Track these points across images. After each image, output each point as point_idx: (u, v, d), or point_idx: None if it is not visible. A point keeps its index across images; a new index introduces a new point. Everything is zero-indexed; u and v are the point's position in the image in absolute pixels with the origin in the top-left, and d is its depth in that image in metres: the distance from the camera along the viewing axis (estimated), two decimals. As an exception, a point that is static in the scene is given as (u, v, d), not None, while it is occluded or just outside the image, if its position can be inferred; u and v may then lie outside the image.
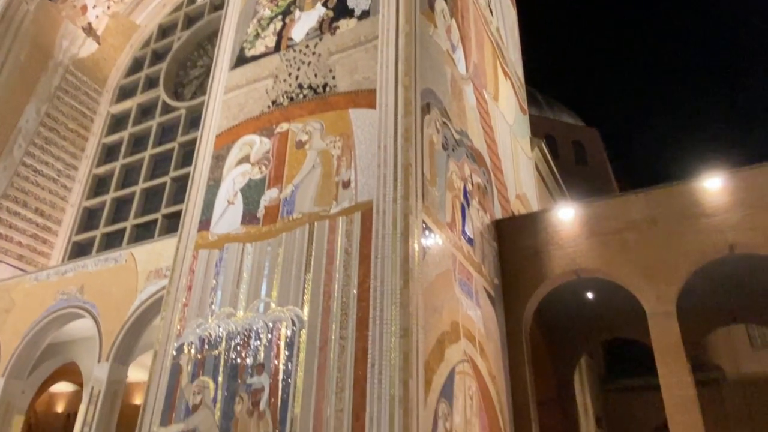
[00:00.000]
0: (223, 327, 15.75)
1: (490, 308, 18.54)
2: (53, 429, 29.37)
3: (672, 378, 15.90)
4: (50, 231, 29.33)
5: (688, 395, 15.76)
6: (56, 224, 29.69)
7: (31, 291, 23.23)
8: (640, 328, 18.36)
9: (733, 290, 19.54)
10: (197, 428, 14.54)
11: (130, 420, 23.11)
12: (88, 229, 29.91)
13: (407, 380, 12.79)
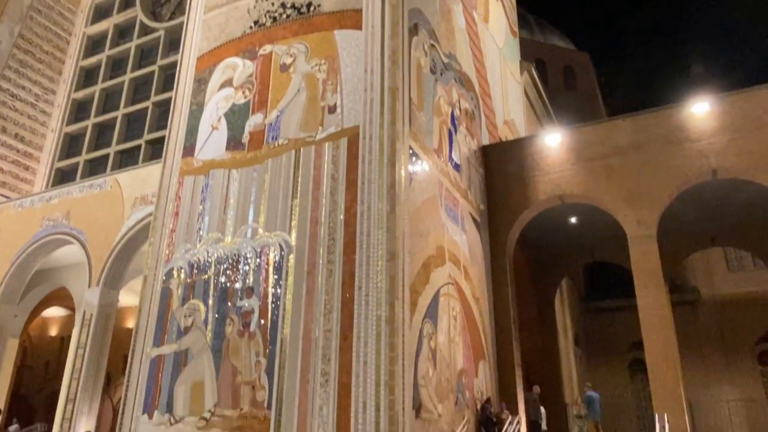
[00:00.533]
0: (211, 252, 15.88)
1: (475, 233, 18.80)
2: (48, 352, 30.06)
3: (649, 298, 16.46)
4: (32, 157, 28.83)
5: (664, 314, 16.38)
6: (37, 150, 29.16)
7: (17, 217, 23.10)
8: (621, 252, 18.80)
9: (713, 215, 19.92)
10: (190, 349, 14.95)
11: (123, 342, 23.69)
12: (71, 155, 29.43)
13: (393, 302, 13.13)
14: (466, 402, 15.88)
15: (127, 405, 15.17)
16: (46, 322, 30.87)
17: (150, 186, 20.54)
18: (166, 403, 14.63)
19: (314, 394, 13.12)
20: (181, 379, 14.68)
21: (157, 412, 14.64)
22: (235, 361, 14.28)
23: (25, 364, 30.01)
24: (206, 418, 13.98)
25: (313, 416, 12.96)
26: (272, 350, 13.99)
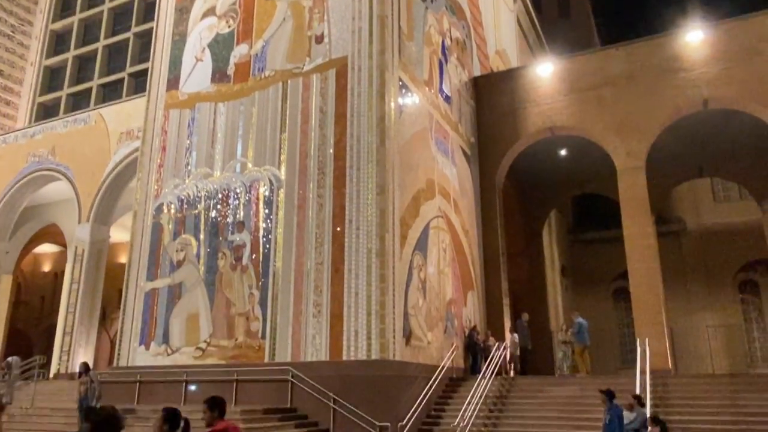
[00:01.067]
0: (200, 187, 15.82)
1: (465, 166, 18.80)
2: (42, 287, 30.36)
3: (635, 229, 16.72)
4: (12, 92, 28.08)
5: (649, 244, 16.70)
6: (17, 84, 28.36)
7: (2, 154, 22.76)
8: (609, 184, 18.94)
9: (701, 146, 19.96)
10: (183, 282, 15.16)
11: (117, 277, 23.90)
12: (52, 89, 28.69)
13: (383, 235, 13.26)
14: (455, 330, 16.35)
15: (124, 337, 15.51)
16: (38, 259, 31.00)
17: (135, 120, 20.18)
18: (162, 335, 14.97)
19: (307, 324, 13.45)
20: (176, 312, 14.96)
21: (154, 343, 14.99)
22: (229, 293, 14.52)
23: (20, 299, 30.34)
24: (202, 348, 14.35)
25: (307, 345, 13.34)
26: (265, 283, 14.22)
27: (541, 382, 14.71)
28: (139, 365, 14.91)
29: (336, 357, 12.97)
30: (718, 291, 26.02)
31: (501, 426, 12.72)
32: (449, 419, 12.89)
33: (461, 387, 14.55)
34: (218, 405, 4.84)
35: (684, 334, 23.90)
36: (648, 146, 17.22)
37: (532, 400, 13.30)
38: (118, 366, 15.34)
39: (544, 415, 12.45)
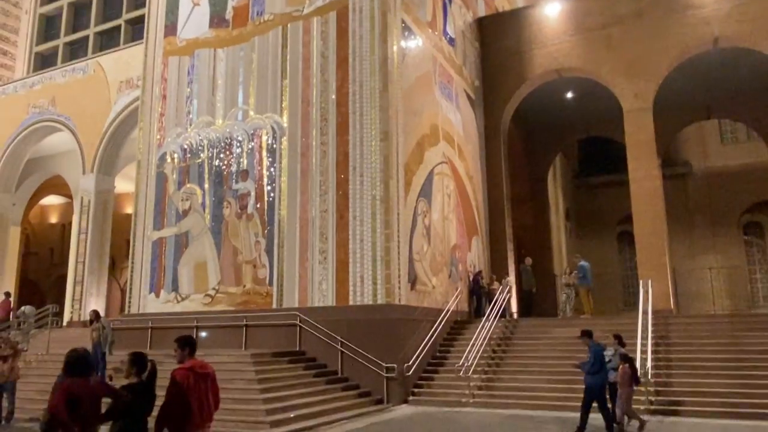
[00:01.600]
0: (203, 136, 15.74)
1: (469, 111, 18.58)
2: (50, 239, 30.71)
3: (641, 171, 16.64)
4: (8, 41, 27.56)
5: (655, 187, 16.65)
6: (13, 33, 27.81)
7: (2, 105, 22.57)
8: (616, 126, 18.72)
9: (710, 86, 19.59)
10: (189, 231, 15.30)
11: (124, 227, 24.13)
12: (49, 38, 28.13)
13: (388, 181, 13.26)
14: (460, 275, 16.56)
15: (134, 285, 15.79)
16: (45, 210, 31.24)
17: (134, 69, 19.88)
18: (171, 283, 15.22)
19: (313, 270, 13.63)
20: (184, 260, 15.17)
21: (164, 290, 15.27)
22: (235, 241, 14.67)
23: (29, 251, 30.78)
24: (211, 295, 14.62)
25: (313, 290, 13.56)
26: (270, 231, 14.34)
27: (545, 323, 15.00)
28: (150, 312, 15.23)
29: (342, 302, 13.21)
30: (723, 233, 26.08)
31: (504, 366, 13.06)
32: (454, 360, 13.22)
33: (466, 330, 14.85)
34: (189, 343, 4.98)
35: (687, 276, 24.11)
36: (656, 87, 16.93)
37: (536, 342, 13.59)
38: (129, 313, 15.69)
39: (547, 355, 12.75)
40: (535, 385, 11.82)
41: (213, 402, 4.86)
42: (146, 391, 4.54)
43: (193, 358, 4.92)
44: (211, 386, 4.86)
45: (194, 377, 4.72)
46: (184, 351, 4.89)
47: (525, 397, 11.50)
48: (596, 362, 8.91)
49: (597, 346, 9.12)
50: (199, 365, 4.86)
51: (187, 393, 4.64)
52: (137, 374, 4.57)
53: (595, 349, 9.03)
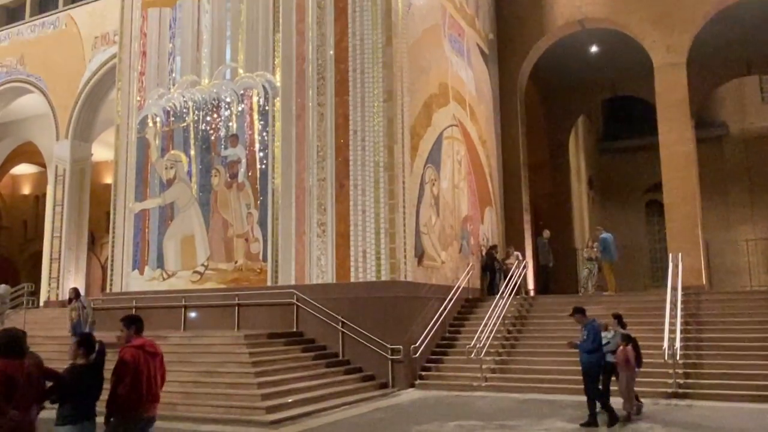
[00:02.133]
0: (187, 97, 15.69)
1: (482, 67, 18.42)
2: (23, 211, 30.88)
3: (672, 134, 16.55)
4: (-31, -8, 27.26)
5: (687, 151, 16.58)
6: (-27, -16, 27.49)
7: (-36, 64, 22.49)
8: (645, 84, 18.58)
9: (750, 39, 19.31)
10: (175, 202, 15.35)
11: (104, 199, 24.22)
12: (14, -11, 27.80)
13: (392, 146, 13.23)
14: (471, 249, 16.64)
15: (115, 262, 15.93)
16: (16, 180, 31.34)
17: (110, 23, 19.67)
18: (156, 259, 15.35)
19: (311, 244, 13.72)
20: (169, 234, 15.26)
21: (148, 267, 15.40)
22: (225, 213, 14.74)
23: (1, 225, 30.98)
24: (200, 272, 14.75)
25: (312, 266, 13.67)
26: (263, 201, 14.38)
27: (564, 301, 15.10)
28: (133, 291, 15.39)
29: (343, 279, 13.32)
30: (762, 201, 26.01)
31: (519, 347, 13.22)
32: (465, 341, 13.37)
33: (478, 308, 14.99)
34: (134, 322, 5.23)
35: (721, 249, 24.17)
36: (690, 39, 16.72)
37: (554, 320, 13.70)
38: (111, 292, 15.85)
39: (567, 335, 12.77)
40: (553, 368, 11.97)
41: (160, 382, 5.14)
42: (93, 373, 4.76)
43: (141, 336, 5.16)
44: (159, 366, 5.13)
45: (144, 356, 4.96)
46: (131, 330, 5.13)
47: (542, 381, 11.67)
48: (595, 339, 8.95)
49: (592, 322, 9.21)
50: (149, 344, 5.11)
51: (137, 372, 4.87)
52: (84, 356, 4.79)
53: (591, 325, 9.10)
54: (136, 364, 4.89)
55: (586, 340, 8.98)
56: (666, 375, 11.03)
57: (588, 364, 8.92)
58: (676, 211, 16.25)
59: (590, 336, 8.96)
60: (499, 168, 19.04)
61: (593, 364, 8.89)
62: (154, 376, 5.02)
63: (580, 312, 9.38)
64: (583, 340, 9.04)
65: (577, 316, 9.39)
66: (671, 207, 16.36)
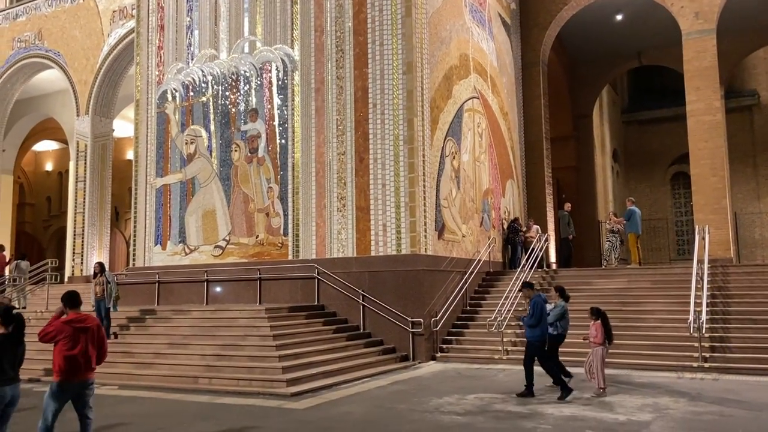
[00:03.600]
0: (206, 71, 15.69)
1: (504, 38, 18.14)
2: (47, 188, 31.34)
3: (700, 104, 16.21)
4: (-13, -32, 27.42)
5: (715, 121, 16.24)
6: (-8, -40, 27.63)
7: (-15, 41, 22.71)
8: (672, 53, 18.17)
9: (785, 3, 18.76)
10: (196, 177, 15.47)
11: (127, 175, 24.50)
12: (31, -37, 27.90)
13: (412, 119, 13.15)
14: (492, 222, 16.57)
15: (138, 237, 16.14)
16: (39, 157, 31.77)
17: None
18: (178, 234, 15.52)
19: (332, 218, 13.76)
20: (191, 209, 15.41)
21: (170, 242, 15.59)
22: (246, 188, 14.82)
23: (25, 201, 31.50)
24: (222, 247, 14.90)
25: (332, 240, 13.73)
26: (284, 176, 14.43)
27: (587, 274, 15.02)
28: (156, 265, 15.61)
29: (364, 253, 13.37)
30: (792, 173, 25.53)
31: (542, 321, 13.16)
32: (486, 314, 13.39)
33: (499, 281, 14.98)
34: (70, 299, 5.76)
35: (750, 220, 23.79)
36: (720, 4, 16.28)
37: (576, 293, 13.56)
38: (134, 267, 16.10)
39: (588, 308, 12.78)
40: (574, 341, 11.91)
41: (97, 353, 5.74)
42: (10, 342, 5.39)
43: (77, 312, 5.73)
44: (94, 338, 5.71)
45: (71, 329, 5.56)
46: (65, 306, 5.74)
47: (562, 354, 11.61)
48: (535, 314, 8.98)
49: (537, 296, 9.21)
50: (78, 319, 5.67)
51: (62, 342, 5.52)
52: (3, 325, 5.40)
53: (535, 299, 9.10)
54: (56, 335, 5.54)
55: (529, 314, 9.06)
56: (691, 348, 10.96)
57: (529, 338, 9.08)
58: (704, 183, 15.99)
59: (533, 310, 9.01)
60: (521, 141, 18.86)
61: (535, 338, 9.01)
62: (85, 346, 5.59)
63: (528, 287, 9.41)
64: (528, 314, 9.10)
65: (524, 290, 9.43)
66: (698, 178, 16.10)
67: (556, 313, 9.63)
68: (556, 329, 9.63)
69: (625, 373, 10.64)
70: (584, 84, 23.31)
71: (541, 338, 9.04)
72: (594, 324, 9.14)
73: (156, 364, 11.04)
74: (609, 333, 9.14)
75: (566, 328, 9.87)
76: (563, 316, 9.79)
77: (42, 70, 21.84)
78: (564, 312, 9.80)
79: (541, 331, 9.03)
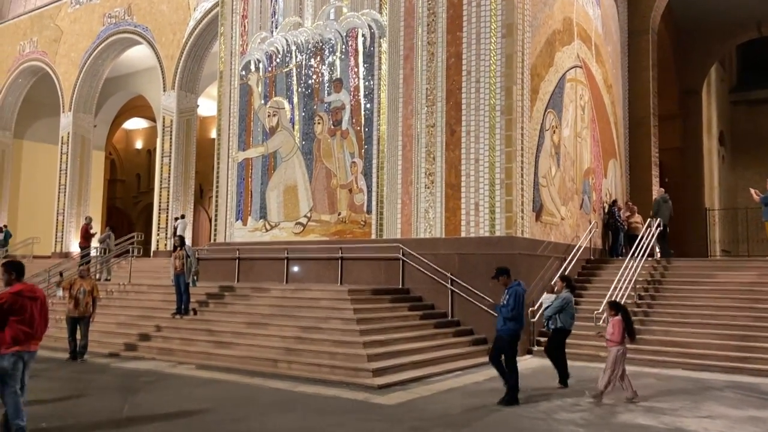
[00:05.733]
0: (290, 40, 14.79)
1: (611, 2, 16.33)
2: (137, 165, 31.78)
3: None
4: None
5: None
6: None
7: (76, 16, 22.77)
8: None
9: None
10: (278, 151, 14.65)
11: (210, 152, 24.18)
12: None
13: (510, 87, 11.75)
14: (593, 205, 14.97)
15: (219, 212, 15.53)
16: (130, 135, 32.24)
17: (214, -32, 19.13)
18: (259, 209, 14.78)
19: (419, 196, 12.61)
20: (272, 184, 14.62)
21: (251, 218, 14.88)
22: (328, 163, 13.87)
23: (116, 178, 32.09)
24: (302, 224, 14.04)
25: (419, 219, 12.59)
26: (368, 150, 13.37)
27: (708, 265, 13.24)
28: (237, 242, 14.96)
29: (453, 233, 12.17)
30: None
31: (654, 316, 11.57)
32: (588, 306, 11.93)
33: (601, 270, 13.42)
34: (15, 268, 5.60)
35: None
36: None
37: (695, 287, 11.93)
38: (215, 242, 15.52)
39: (713, 304, 11.11)
40: (697, 341, 10.31)
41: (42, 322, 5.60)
42: None
43: (21, 282, 5.56)
44: (40, 309, 5.55)
45: (21, 300, 5.39)
46: (11, 276, 5.54)
47: (684, 355, 10.06)
48: (515, 305, 7.49)
49: (517, 285, 7.74)
50: (28, 289, 5.53)
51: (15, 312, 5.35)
52: None
53: (514, 288, 7.64)
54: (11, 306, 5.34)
55: (506, 305, 7.56)
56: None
57: (500, 332, 7.60)
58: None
59: (511, 301, 7.53)
60: (625, 116, 17.04)
61: (507, 334, 7.56)
62: (33, 317, 5.46)
63: (504, 273, 7.91)
64: (502, 304, 7.63)
65: (501, 277, 7.89)
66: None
67: (556, 305, 8.47)
68: (556, 323, 8.48)
69: (764, 382, 8.97)
70: (693, 56, 21.02)
71: (513, 333, 7.63)
72: (613, 320, 7.79)
73: (234, 344, 10.26)
74: (631, 330, 7.76)
75: (570, 322, 8.62)
76: (563, 308, 8.51)
77: (131, 46, 21.69)
78: (566, 304, 8.54)
79: (516, 325, 7.61)
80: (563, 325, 8.61)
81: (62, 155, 22.98)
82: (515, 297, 7.64)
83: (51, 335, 12.67)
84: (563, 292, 8.70)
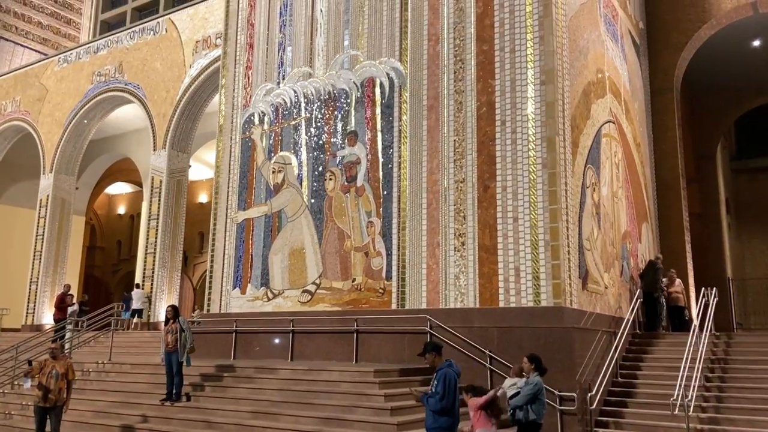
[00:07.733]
0: (299, 91, 13.39)
1: (635, 59, 15.33)
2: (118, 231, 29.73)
3: None
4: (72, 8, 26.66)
5: None
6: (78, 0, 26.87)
7: (63, 75, 21.34)
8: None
9: None
10: (283, 210, 12.95)
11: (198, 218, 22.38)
12: (116, 4, 27.06)
13: (553, 138, 10.34)
14: (631, 272, 13.39)
15: (215, 279, 13.63)
16: (112, 200, 30.35)
17: (212, 25, 18.01)
18: (260, 276, 12.93)
19: (447, 259, 10.93)
20: (276, 247, 12.83)
21: (251, 285, 13.00)
22: (341, 223, 12.19)
23: (96, 245, 29.95)
24: (311, 292, 12.19)
25: (448, 287, 10.86)
26: (387, 208, 11.76)
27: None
28: (234, 312, 13.00)
29: (489, 303, 10.43)
30: None
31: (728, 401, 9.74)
32: (646, 389, 10.17)
33: (653, 346, 11.69)
34: None
35: None
36: None
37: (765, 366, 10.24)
38: (209, 313, 13.53)
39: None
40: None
41: None
42: None
43: None
44: None
45: None
46: None
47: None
48: (445, 393, 5.85)
49: (448, 366, 6.14)
50: None
51: None
52: None
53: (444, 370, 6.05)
54: None
55: (434, 393, 5.93)
56: None
57: (430, 429, 5.92)
58: None
59: (440, 388, 5.89)
60: (653, 177, 15.77)
61: (437, 430, 5.84)
62: None
63: (433, 349, 6.36)
64: (430, 393, 6.01)
65: (428, 355, 6.33)
66: None
67: (528, 392, 6.92)
68: (527, 415, 6.88)
69: None
70: (707, 118, 20.10)
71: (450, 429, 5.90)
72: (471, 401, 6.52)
73: (237, 439, 8.22)
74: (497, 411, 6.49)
75: (542, 413, 7.04)
76: (537, 396, 6.94)
77: (120, 105, 20.21)
78: (538, 391, 6.97)
79: (449, 421, 5.90)
80: (536, 417, 6.94)
81: (40, 219, 21.01)
82: (444, 382, 5.90)
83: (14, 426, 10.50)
84: (532, 376, 7.08)
